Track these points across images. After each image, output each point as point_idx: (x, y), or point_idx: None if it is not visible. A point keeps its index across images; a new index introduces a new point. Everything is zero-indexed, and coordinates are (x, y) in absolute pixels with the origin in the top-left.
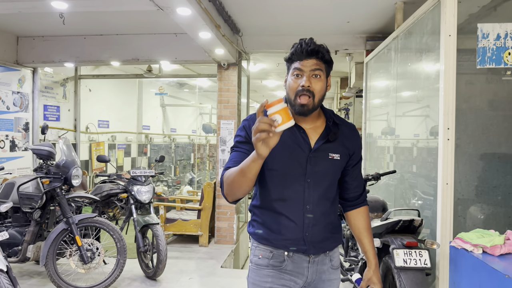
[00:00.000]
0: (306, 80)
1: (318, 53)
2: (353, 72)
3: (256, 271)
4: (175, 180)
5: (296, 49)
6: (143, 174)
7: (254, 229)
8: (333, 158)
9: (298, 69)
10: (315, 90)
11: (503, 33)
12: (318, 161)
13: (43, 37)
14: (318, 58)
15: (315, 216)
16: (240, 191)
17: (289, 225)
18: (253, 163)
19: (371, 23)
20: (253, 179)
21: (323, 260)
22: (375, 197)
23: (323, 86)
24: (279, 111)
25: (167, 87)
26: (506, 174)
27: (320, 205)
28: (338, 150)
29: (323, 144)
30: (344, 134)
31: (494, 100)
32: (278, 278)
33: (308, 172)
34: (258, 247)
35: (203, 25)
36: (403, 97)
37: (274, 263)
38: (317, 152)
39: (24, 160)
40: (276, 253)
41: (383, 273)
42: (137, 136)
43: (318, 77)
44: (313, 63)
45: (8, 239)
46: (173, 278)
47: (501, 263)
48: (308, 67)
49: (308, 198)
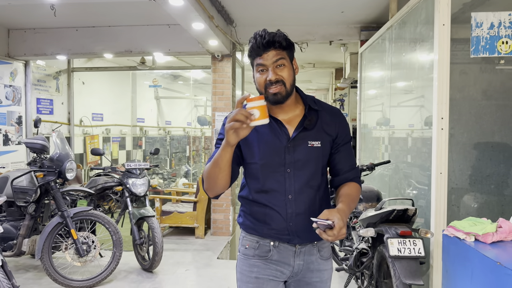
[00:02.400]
0: (272, 73)
1: (275, 43)
2: (348, 62)
3: (243, 261)
4: (170, 173)
5: (252, 45)
6: (138, 167)
7: (241, 219)
8: (313, 146)
9: (261, 65)
10: (283, 77)
11: (497, 22)
12: (297, 150)
13: (34, 30)
14: (277, 48)
15: (298, 205)
16: (217, 184)
17: (273, 216)
18: (223, 152)
19: (365, 13)
20: (225, 169)
21: (310, 251)
22: (370, 187)
23: (290, 73)
24: (258, 107)
25: (161, 79)
26: (499, 163)
27: (303, 194)
28: (318, 137)
29: (301, 133)
30: (323, 120)
31: (488, 89)
32: (264, 268)
33: (287, 162)
34: (245, 237)
35: (196, 16)
36: (398, 87)
37: (260, 253)
38: (296, 141)
39: (17, 154)
40: (262, 243)
41: (377, 262)
42: (132, 129)
43: (283, 66)
44: (273, 54)
45: (3, 233)
46: (169, 270)
47: (493, 250)
48: (270, 59)
49: (289, 187)
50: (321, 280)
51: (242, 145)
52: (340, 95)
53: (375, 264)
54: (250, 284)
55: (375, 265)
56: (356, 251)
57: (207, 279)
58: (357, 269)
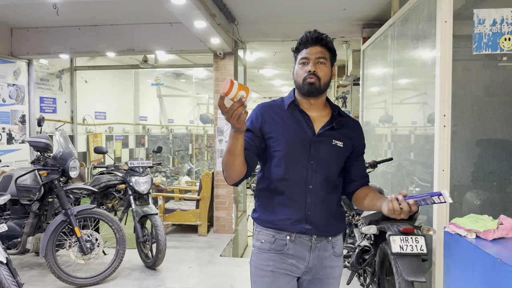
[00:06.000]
0: (312, 65)
1: (322, 40)
2: (350, 60)
3: (258, 255)
4: (173, 171)
5: (302, 38)
6: (141, 165)
7: (257, 214)
8: (336, 144)
9: (305, 58)
10: (320, 75)
11: (499, 19)
12: (321, 145)
13: (37, 28)
14: (323, 46)
15: (317, 196)
16: (234, 171)
17: (292, 205)
18: (235, 140)
19: (368, 10)
20: (240, 155)
21: (325, 247)
22: (372, 184)
23: (328, 72)
24: (239, 89)
25: (164, 77)
26: (502, 160)
27: (323, 187)
28: (342, 139)
29: (327, 131)
30: (349, 126)
31: (490, 86)
32: (280, 262)
33: (311, 154)
34: (260, 232)
35: (197, 14)
36: (400, 84)
37: (276, 247)
38: (321, 137)
39: (21, 152)
40: (279, 237)
41: (380, 259)
42: (135, 127)
43: (323, 64)
44: (318, 50)
45: (7, 231)
46: (172, 267)
47: (494, 247)
48: (313, 54)
49: (310, 178)
50: (333, 277)
51: (270, 133)
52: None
53: (377, 261)
54: (266, 278)
55: (377, 262)
56: (358, 248)
57: (209, 276)
58: (359, 266)
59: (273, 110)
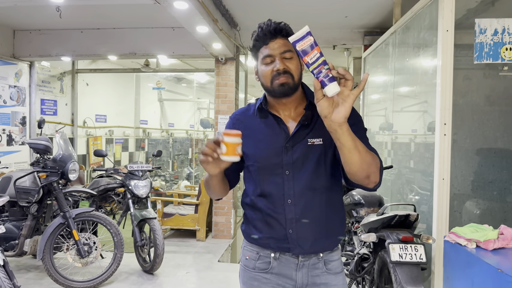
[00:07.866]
0: (280, 63)
1: (282, 30)
2: (351, 67)
3: (244, 272)
4: (172, 175)
5: (257, 33)
6: (140, 168)
7: (243, 226)
8: (313, 143)
9: (268, 56)
10: (291, 70)
11: (501, 29)
12: (296, 149)
13: (39, 31)
14: (284, 37)
15: (299, 210)
16: (215, 194)
17: (272, 222)
18: (210, 178)
19: (369, 17)
20: (218, 187)
21: (315, 264)
22: (372, 193)
23: (297, 65)
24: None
25: (165, 81)
26: (502, 169)
27: (304, 198)
28: (319, 134)
29: (301, 130)
30: None
31: (491, 95)
32: (264, 282)
33: (285, 163)
34: (245, 247)
35: (200, 19)
36: (401, 92)
37: (260, 266)
38: (295, 139)
39: (21, 154)
40: (263, 254)
41: (379, 268)
42: (135, 130)
43: (291, 59)
44: (281, 43)
45: (5, 233)
46: (170, 272)
47: (494, 257)
48: (277, 49)
49: (288, 191)
50: None
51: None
52: None
53: (376, 269)
54: None
55: (376, 270)
56: (357, 256)
57: (207, 282)
58: (358, 274)
59: (245, 117)
